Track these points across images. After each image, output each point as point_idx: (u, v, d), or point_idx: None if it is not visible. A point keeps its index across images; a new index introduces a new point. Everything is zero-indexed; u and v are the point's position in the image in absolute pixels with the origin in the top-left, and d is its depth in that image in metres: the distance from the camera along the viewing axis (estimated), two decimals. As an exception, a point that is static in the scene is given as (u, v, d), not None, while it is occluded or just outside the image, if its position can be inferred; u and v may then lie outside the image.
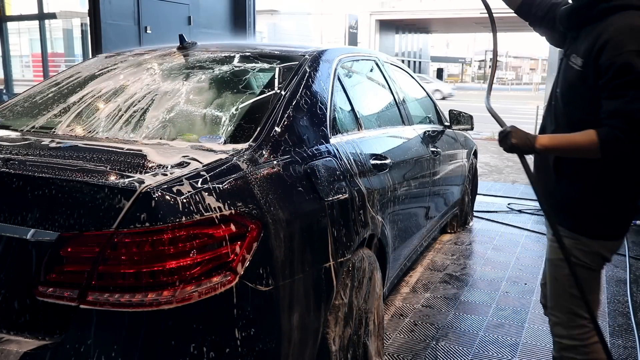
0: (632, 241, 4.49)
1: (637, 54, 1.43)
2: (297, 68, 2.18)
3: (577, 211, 1.70)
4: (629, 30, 1.47)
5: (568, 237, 1.72)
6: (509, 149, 1.67)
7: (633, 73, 1.43)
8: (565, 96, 1.68)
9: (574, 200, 1.69)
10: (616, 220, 1.70)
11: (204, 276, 1.39)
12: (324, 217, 1.82)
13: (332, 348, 1.86)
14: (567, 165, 1.68)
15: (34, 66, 13.45)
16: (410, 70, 3.93)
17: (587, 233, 1.71)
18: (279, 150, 1.79)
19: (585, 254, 1.72)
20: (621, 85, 1.45)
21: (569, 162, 1.67)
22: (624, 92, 1.45)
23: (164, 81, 2.22)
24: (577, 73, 1.60)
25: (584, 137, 1.54)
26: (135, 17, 6.68)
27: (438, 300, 3.28)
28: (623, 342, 2.80)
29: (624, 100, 1.44)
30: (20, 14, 11.43)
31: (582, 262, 1.72)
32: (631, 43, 1.44)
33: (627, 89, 1.44)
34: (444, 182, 3.67)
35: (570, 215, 1.72)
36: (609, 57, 1.47)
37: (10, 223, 1.39)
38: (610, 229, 1.70)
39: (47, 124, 2.03)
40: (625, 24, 1.48)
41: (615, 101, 1.47)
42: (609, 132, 1.48)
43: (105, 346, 1.32)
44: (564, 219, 1.73)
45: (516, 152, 1.67)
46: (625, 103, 1.44)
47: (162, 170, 1.47)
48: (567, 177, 1.69)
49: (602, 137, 1.49)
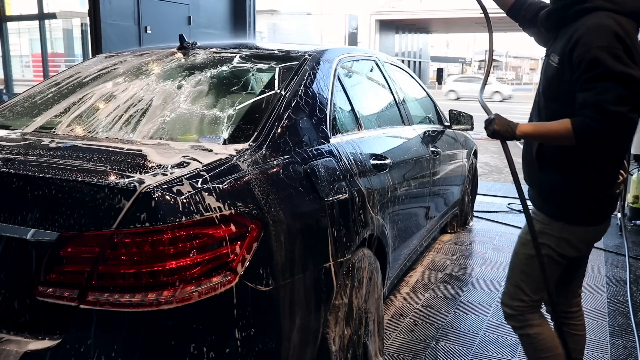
0: (632, 241, 4.49)
1: (603, 49, 1.56)
2: (297, 68, 2.18)
3: (556, 198, 1.83)
4: (597, 28, 1.60)
5: (542, 221, 1.86)
6: (491, 134, 1.80)
7: (600, 67, 1.56)
8: (546, 92, 1.80)
9: (554, 188, 1.82)
10: (591, 207, 1.81)
11: (204, 276, 1.39)
12: (324, 217, 1.82)
13: (332, 348, 1.86)
14: (548, 155, 1.80)
15: (34, 66, 13.45)
16: (410, 70, 3.93)
17: (564, 219, 1.83)
18: (279, 150, 1.79)
19: (557, 240, 1.84)
20: (591, 79, 1.59)
21: (549, 153, 1.79)
22: (594, 85, 1.58)
23: (164, 81, 2.22)
24: (555, 70, 1.73)
25: (560, 125, 1.67)
26: (135, 17, 6.68)
27: (438, 300, 3.28)
28: (623, 342, 2.80)
29: (594, 92, 1.58)
30: (20, 14, 11.44)
31: (551, 248, 1.85)
32: (599, 40, 1.58)
33: (596, 81, 1.58)
34: (444, 182, 3.67)
35: (551, 201, 1.85)
36: (580, 54, 1.61)
37: (10, 223, 1.39)
38: (585, 215, 1.82)
39: (47, 124, 2.03)
40: (594, 22, 1.62)
41: (586, 93, 1.60)
42: (582, 121, 1.61)
43: (105, 346, 1.32)
44: (545, 205, 1.87)
45: (498, 137, 1.80)
46: (595, 94, 1.57)
47: (162, 170, 1.47)
48: (548, 166, 1.81)
49: (575, 126, 1.62)
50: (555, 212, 1.85)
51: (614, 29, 1.59)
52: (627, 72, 1.55)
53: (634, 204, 4.93)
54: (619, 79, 1.56)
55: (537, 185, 1.89)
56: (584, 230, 1.85)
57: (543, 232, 1.86)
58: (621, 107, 1.55)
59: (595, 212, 1.83)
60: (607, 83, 1.56)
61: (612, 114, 1.56)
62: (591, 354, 2.68)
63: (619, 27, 1.60)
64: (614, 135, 1.60)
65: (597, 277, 3.70)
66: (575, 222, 1.83)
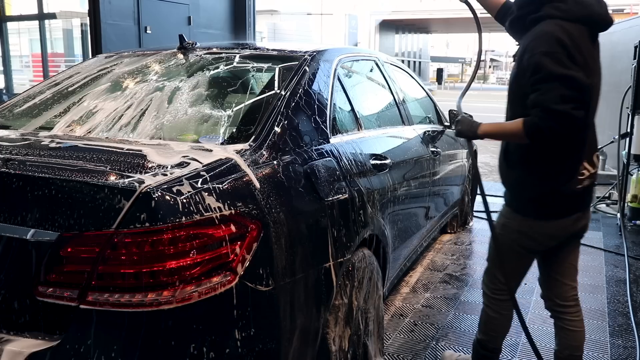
0: (632, 241, 4.49)
1: (544, 54, 1.72)
2: (297, 68, 2.18)
3: (516, 193, 2.00)
4: (541, 35, 1.77)
5: (505, 215, 2.05)
6: (457, 133, 2.04)
7: (542, 70, 1.71)
8: (509, 94, 1.96)
9: (515, 184, 1.99)
10: (546, 201, 1.93)
11: (204, 276, 1.39)
12: (323, 217, 1.82)
13: (332, 348, 1.86)
14: (512, 154, 1.97)
15: (34, 66, 13.45)
16: (410, 70, 3.93)
17: (522, 212, 1.98)
18: (279, 150, 1.79)
19: (517, 232, 2.00)
20: (536, 81, 1.73)
21: (513, 152, 1.96)
22: (539, 87, 1.72)
23: (163, 81, 2.22)
24: (514, 75, 1.90)
25: (514, 125, 1.82)
26: (135, 17, 6.68)
27: (438, 300, 3.28)
28: (623, 342, 2.80)
29: (539, 93, 1.72)
30: (20, 14, 11.44)
31: (512, 239, 2.02)
32: (541, 46, 1.74)
33: (540, 83, 1.72)
34: (444, 182, 3.67)
35: (513, 196, 2.02)
36: (527, 59, 1.77)
37: (10, 223, 1.40)
38: (540, 209, 1.95)
39: (47, 124, 2.03)
40: (540, 30, 1.79)
41: (533, 95, 1.74)
42: (530, 120, 1.75)
43: (105, 346, 1.32)
44: (509, 199, 2.05)
45: (463, 136, 2.03)
46: (539, 95, 1.72)
47: (162, 170, 1.47)
48: (512, 164, 1.98)
49: (526, 125, 1.76)
50: (515, 206, 2.01)
51: (556, 35, 1.73)
52: (567, 73, 1.69)
53: (634, 204, 4.93)
54: (560, 80, 1.69)
55: (504, 181, 2.05)
56: (541, 225, 1.96)
57: (506, 225, 2.04)
58: (564, 106, 1.67)
59: (551, 206, 1.93)
60: (549, 84, 1.70)
61: (555, 113, 1.68)
62: (591, 354, 2.68)
63: (563, 32, 1.74)
64: (560, 132, 1.71)
65: (597, 277, 3.70)
66: (531, 215, 1.96)
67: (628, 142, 4.93)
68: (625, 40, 7.75)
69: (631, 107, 4.82)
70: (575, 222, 1.97)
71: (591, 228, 4.95)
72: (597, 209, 5.60)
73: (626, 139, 4.97)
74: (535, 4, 1.83)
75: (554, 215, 1.94)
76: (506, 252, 2.04)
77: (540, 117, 1.71)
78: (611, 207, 5.66)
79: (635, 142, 4.83)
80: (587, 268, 3.88)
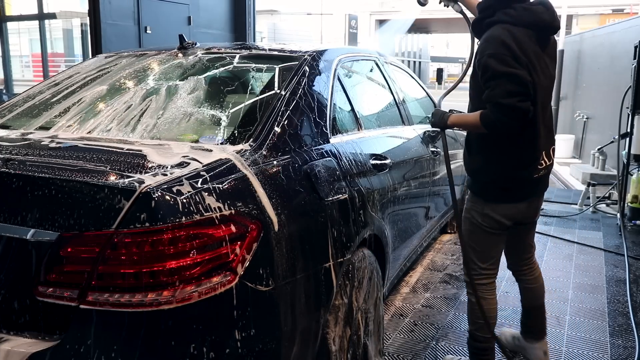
0: (632, 241, 4.49)
1: (491, 56, 1.95)
2: (297, 68, 2.18)
3: (478, 179, 2.22)
4: (489, 39, 2.01)
5: (470, 199, 2.28)
6: (431, 124, 2.27)
7: (490, 70, 1.95)
8: (470, 91, 2.20)
9: (476, 170, 2.21)
10: (505, 186, 2.16)
11: (204, 276, 1.39)
12: (323, 217, 1.82)
13: (332, 348, 1.86)
14: (473, 143, 2.20)
15: (33, 66, 13.45)
16: (410, 70, 3.93)
17: (483, 197, 2.21)
18: (279, 150, 1.79)
19: (480, 215, 2.22)
20: (486, 80, 1.98)
21: (474, 142, 2.19)
22: (488, 84, 1.96)
23: (163, 81, 2.22)
24: (472, 74, 2.15)
25: (474, 116, 2.05)
26: (135, 17, 6.68)
27: (438, 300, 3.28)
28: (623, 342, 2.80)
29: (489, 90, 1.96)
30: (20, 14, 11.44)
31: (477, 221, 2.23)
32: (488, 48, 1.98)
33: (489, 81, 1.96)
34: (444, 182, 3.67)
35: (475, 182, 2.24)
36: (478, 60, 2.02)
37: (10, 223, 1.39)
38: (499, 194, 2.18)
39: (47, 124, 2.03)
40: (488, 34, 2.03)
41: (486, 92, 1.98)
42: (485, 113, 1.99)
43: (105, 346, 1.32)
44: (472, 185, 2.27)
45: (436, 127, 2.24)
46: (490, 91, 1.96)
47: (162, 170, 1.47)
48: (473, 153, 2.21)
49: (481, 117, 2.00)
50: (477, 191, 2.23)
51: (501, 39, 1.97)
52: (511, 71, 1.93)
53: (634, 204, 4.93)
54: (506, 77, 1.93)
55: (467, 169, 2.28)
56: (501, 207, 2.19)
57: (471, 209, 2.26)
58: (510, 99, 1.91)
59: (509, 191, 2.17)
60: (496, 81, 1.94)
61: (502, 106, 1.93)
62: (591, 354, 2.68)
63: (509, 36, 1.97)
64: (509, 123, 1.94)
65: (597, 277, 3.70)
66: (491, 199, 2.19)
67: (628, 142, 4.93)
68: (625, 40, 7.75)
69: (631, 107, 4.82)
70: (529, 205, 2.23)
71: (591, 228, 4.98)
72: (597, 209, 5.60)
73: (626, 139, 4.97)
74: (491, 9, 2.08)
75: (513, 198, 2.18)
76: (475, 234, 2.26)
77: (491, 111, 1.96)
78: (611, 207, 5.65)
79: (635, 142, 4.83)
80: (587, 268, 3.88)
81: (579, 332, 2.91)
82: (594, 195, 5.67)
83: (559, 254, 4.21)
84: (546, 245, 4.40)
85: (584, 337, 2.85)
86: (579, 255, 4.16)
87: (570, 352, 2.70)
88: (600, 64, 9.42)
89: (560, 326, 2.97)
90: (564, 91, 12.35)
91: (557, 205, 5.88)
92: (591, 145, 8.88)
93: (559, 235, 4.64)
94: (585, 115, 9.95)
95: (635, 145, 4.83)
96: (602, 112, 8.96)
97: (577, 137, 10.60)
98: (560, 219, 5.25)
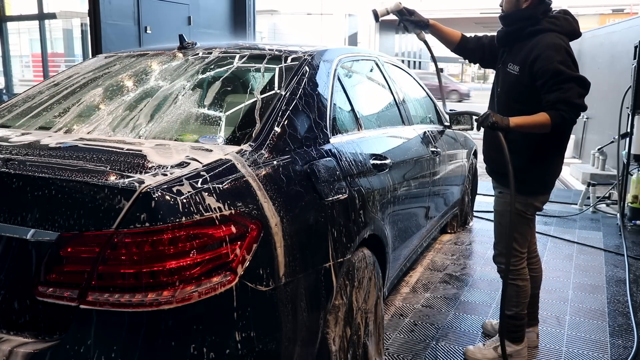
0: (632, 241, 4.49)
1: (561, 62, 2.14)
2: (297, 68, 2.18)
3: (518, 176, 2.27)
4: (552, 46, 2.18)
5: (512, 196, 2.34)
6: (491, 125, 2.20)
7: (563, 75, 2.13)
8: (507, 93, 2.36)
9: (516, 169, 2.26)
10: (543, 181, 2.40)
11: (204, 276, 1.39)
12: (323, 217, 1.82)
13: (332, 348, 1.86)
14: (513, 143, 2.25)
15: (34, 66, 13.44)
16: (410, 70, 3.93)
17: (526, 192, 2.37)
18: (279, 150, 1.79)
19: (525, 205, 2.41)
20: (556, 83, 2.14)
21: (512, 142, 2.24)
22: (560, 87, 2.13)
23: (163, 81, 2.22)
24: (515, 77, 2.29)
25: (541, 118, 2.15)
26: (135, 17, 6.68)
27: (438, 300, 3.28)
28: (623, 342, 2.80)
29: (561, 92, 2.12)
30: (20, 14, 11.43)
31: (522, 212, 2.41)
32: (557, 55, 2.16)
33: (561, 84, 2.13)
34: (444, 182, 3.67)
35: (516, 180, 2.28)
36: (543, 66, 2.16)
37: (10, 223, 1.39)
38: (540, 187, 2.41)
39: (47, 124, 2.03)
40: (549, 42, 2.20)
41: (554, 93, 2.14)
42: (557, 114, 2.13)
43: (105, 346, 1.32)
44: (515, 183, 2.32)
45: (497, 128, 2.20)
46: (562, 93, 2.12)
47: (162, 170, 1.47)
48: (511, 152, 2.23)
49: (552, 117, 2.13)
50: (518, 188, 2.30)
51: (564, 46, 2.19)
52: (580, 76, 2.15)
53: (634, 204, 4.93)
54: (576, 81, 2.14)
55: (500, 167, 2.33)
56: (541, 197, 2.44)
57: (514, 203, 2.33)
58: (581, 100, 2.14)
59: (548, 184, 2.43)
60: (569, 84, 2.12)
61: (577, 106, 2.13)
62: (591, 354, 2.68)
63: (566, 44, 2.20)
64: (575, 121, 2.17)
65: (597, 277, 3.70)
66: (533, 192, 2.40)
67: (628, 142, 4.93)
68: (625, 40, 7.75)
69: (631, 107, 4.82)
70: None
71: (591, 228, 4.98)
72: (597, 209, 5.60)
73: (626, 139, 4.97)
74: (533, 19, 2.25)
75: (548, 189, 2.46)
76: (521, 224, 2.43)
77: (565, 110, 2.11)
78: (611, 207, 5.65)
79: (635, 142, 4.83)
80: (587, 268, 3.88)
81: (579, 332, 2.91)
82: (594, 195, 5.67)
83: (559, 254, 4.21)
84: (546, 245, 4.40)
85: (584, 337, 2.85)
86: (579, 255, 4.16)
87: (570, 352, 2.70)
88: (600, 64, 9.42)
89: (560, 326, 2.97)
90: (564, 91, 12.31)
91: (557, 205, 5.88)
92: (591, 145, 8.88)
93: (559, 235, 4.64)
94: (585, 115, 9.95)
95: (635, 145, 4.83)
96: (602, 112, 8.96)
97: (577, 137, 10.61)
98: (560, 219, 5.25)
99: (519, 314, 2.53)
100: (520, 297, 2.52)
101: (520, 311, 2.53)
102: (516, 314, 2.53)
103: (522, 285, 2.51)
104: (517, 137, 2.27)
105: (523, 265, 2.51)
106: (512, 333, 2.55)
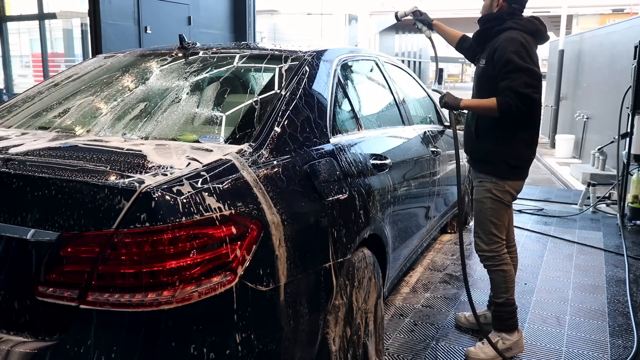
0: (632, 241, 4.49)
1: (513, 52, 2.35)
2: (297, 68, 2.18)
3: (491, 160, 2.54)
4: (509, 39, 2.41)
5: (488, 181, 2.57)
6: (443, 104, 2.60)
7: (512, 64, 2.33)
8: (478, 85, 2.59)
9: (488, 153, 2.53)
10: (510, 165, 2.52)
11: (204, 276, 1.39)
12: (323, 217, 1.82)
13: (332, 348, 1.86)
14: (482, 130, 2.55)
15: (34, 66, 13.44)
16: (410, 70, 3.92)
17: (498, 175, 2.54)
18: (279, 150, 1.79)
19: (501, 192, 2.56)
20: (507, 72, 2.35)
21: (483, 128, 2.54)
22: (509, 76, 2.34)
23: (163, 81, 2.22)
24: (482, 69, 2.53)
25: (489, 102, 2.40)
26: (135, 17, 6.68)
27: (438, 300, 3.28)
28: (623, 342, 2.80)
29: (509, 80, 2.33)
30: (20, 14, 11.43)
31: (499, 198, 2.56)
32: (510, 46, 2.37)
33: (510, 73, 2.34)
34: (444, 182, 3.67)
35: (488, 164, 2.56)
36: (499, 56, 2.39)
37: (10, 223, 1.39)
38: (510, 172, 2.54)
39: (47, 124, 2.03)
40: (508, 36, 2.43)
41: (505, 81, 2.35)
42: (503, 99, 2.35)
43: (105, 346, 1.32)
44: (484, 167, 2.59)
45: (448, 107, 2.58)
46: (510, 82, 2.33)
47: (162, 170, 1.47)
48: (482, 138, 2.55)
49: (499, 103, 2.36)
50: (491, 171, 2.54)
51: (520, 40, 2.39)
52: (529, 67, 2.33)
53: (634, 204, 4.93)
54: (524, 71, 2.32)
55: (476, 151, 2.62)
56: (515, 183, 2.58)
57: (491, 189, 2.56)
58: (527, 90, 2.31)
59: (518, 168, 2.55)
60: (517, 74, 2.32)
61: (521, 94, 2.31)
62: (591, 354, 2.68)
63: (523, 39, 2.40)
64: (522, 108, 2.32)
65: (597, 277, 3.70)
66: (505, 176, 2.54)
67: (628, 142, 4.93)
68: (625, 40, 7.75)
69: (631, 107, 4.83)
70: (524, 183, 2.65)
71: (591, 228, 4.98)
72: (597, 209, 5.60)
73: (626, 139, 4.97)
74: (500, 19, 2.49)
75: (520, 176, 2.58)
76: (498, 210, 2.58)
77: (510, 97, 2.32)
78: (611, 207, 5.65)
79: (635, 142, 4.83)
80: (587, 268, 3.88)
81: (579, 332, 2.91)
82: (594, 195, 5.67)
83: (559, 254, 4.21)
84: (546, 245, 4.40)
85: (584, 337, 2.85)
86: (579, 255, 4.16)
87: (570, 352, 2.70)
88: (600, 64, 9.43)
89: (560, 326, 2.97)
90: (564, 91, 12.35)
91: (557, 205, 5.88)
92: (591, 145, 8.88)
93: (559, 235, 4.64)
94: (585, 115, 9.95)
95: (635, 145, 4.83)
96: (602, 112, 8.96)
97: (577, 137, 10.60)
98: (560, 219, 5.25)
99: (508, 299, 2.63)
100: (507, 282, 2.63)
101: (509, 297, 2.63)
102: (506, 300, 2.63)
103: (507, 269, 2.63)
104: (486, 124, 2.53)
105: (504, 250, 2.64)
106: (505, 321, 2.63)
